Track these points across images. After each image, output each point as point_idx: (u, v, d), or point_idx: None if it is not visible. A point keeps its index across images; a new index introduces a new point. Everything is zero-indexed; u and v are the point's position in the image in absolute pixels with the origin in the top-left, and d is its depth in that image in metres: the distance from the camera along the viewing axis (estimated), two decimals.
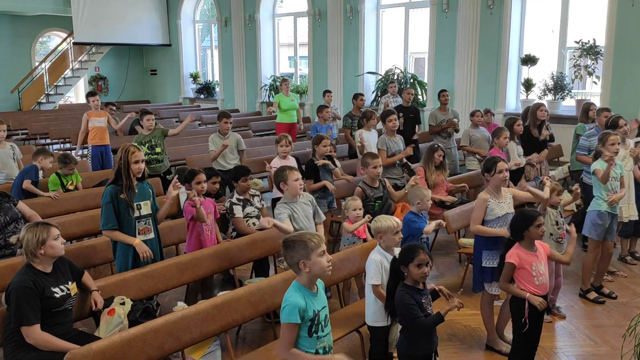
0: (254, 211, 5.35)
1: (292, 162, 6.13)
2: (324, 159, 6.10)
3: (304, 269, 2.61)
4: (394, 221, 3.63)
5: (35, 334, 3.14)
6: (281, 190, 4.36)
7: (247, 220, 5.27)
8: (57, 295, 3.31)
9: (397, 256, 3.29)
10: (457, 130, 8.34)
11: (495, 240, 4.09)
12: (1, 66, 15.74)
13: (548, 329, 4.51)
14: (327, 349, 2.68)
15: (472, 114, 7.81)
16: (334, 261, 4.16)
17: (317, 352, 2.64)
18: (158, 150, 7.13)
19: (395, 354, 3.63)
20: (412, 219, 4.55)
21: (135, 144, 4.26)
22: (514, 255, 3.59)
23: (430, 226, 4.42)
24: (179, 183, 4.30)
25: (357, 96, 9.12)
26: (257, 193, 5.57)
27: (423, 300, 3.18)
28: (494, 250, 4.11)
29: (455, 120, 8.20)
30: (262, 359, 3.46)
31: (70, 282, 3.44)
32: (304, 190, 4.48)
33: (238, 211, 5.22)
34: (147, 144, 7.02)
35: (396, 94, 9.72)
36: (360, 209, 4.66)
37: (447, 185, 6.30)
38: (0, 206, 4.59)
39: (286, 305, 2.60)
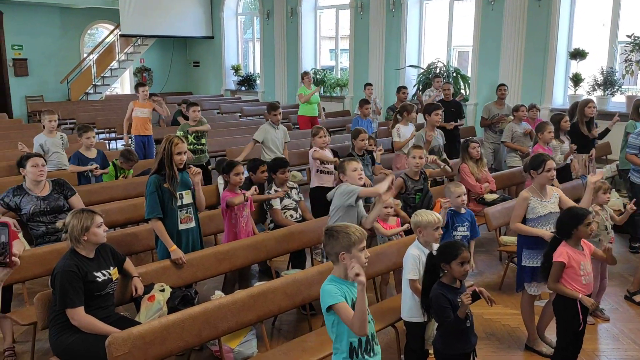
0: (292, 203, 5.37)
1: (329, 153, 6.14)
2: (362, 153, 6.08)
3: (342, 261, 2.58)
4: (434, 216, 3.58)
5: (79, 316, 3.24)
6: (341, 181, 4.35)
7: (284, 212, 5.29)
8: (99, 280, 3.40)
9: (434, 252, 3.24)
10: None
11: (536, 239, 3.98)
12: (51, 57, 16.25)
13: (591, 331, 4.37)
14: (366, 339, 2.64)
15: (516, 109, 7.61)
16: (371, 255, 4.16)
17: (359, 341, 2.62)
18: (203, 141, 7.29)
19: (431, 351, 3.58)
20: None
21: (179, 135, 4.32)
22: (563, 254, 3.48)
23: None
24: (195, 169, 4.32)
25: (400, 89, 9.05)
26: (295, 185, 5.58)
27: (458, 300, 3.11)
28: (534, 249, 4.01)
29: (510, 117, 8.00)
30: (297, 350, 3.47)
31: (111, 268, 3.53)
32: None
33: (276, 203, 5.24)
34: (193, 134, 7.16)
35: (440, 89, 9.57)
36: (391, 207, 4.60)
37: (491, 179, 6.15)
38: (50, 194, 4.75)
39: (324, 294, 2.58)
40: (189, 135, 7.14)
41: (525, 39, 10.14)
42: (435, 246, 3.49)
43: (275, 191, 5.29)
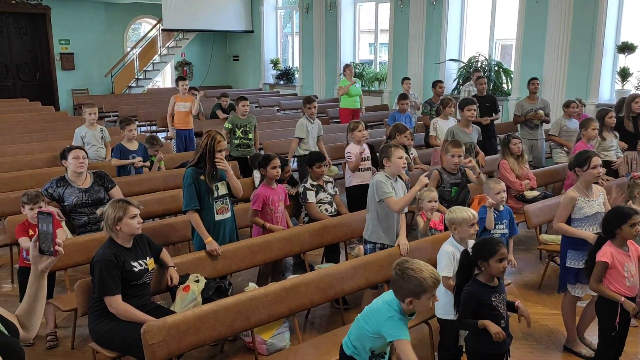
0: (327, 197, 5.36)
1: (365, 147, 6.09)
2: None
3: (408, 305, 2.54)
4: (469, 213, 3.50)
5: (117, 304, 3.32)
6: (382, 166, 4.26)
7: (319, 206, 5.29)
8: (136, 269, 3.47)
9: (469, 250, 3.17)
10: (546, 122, 7.92)
11: (582, 240, 3.85)
12: (96, 52, 16.67)
13: (633, 334, 4.21)
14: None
15: (567, 105, 7.37)
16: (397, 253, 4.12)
17: (382, 353, 2.65)
18: (250, 136, 7.34)
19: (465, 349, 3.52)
20: (481, 212, 4.35)
21: (227, 128, 4.35)
22: (607, 253, 3.36)
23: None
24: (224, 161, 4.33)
25: (436, 84, 8.91)
26: (331, 179, 5.57)
27: (493, 299, 3.03)
28: (580, 250, 3.87)
29: (541, 112, 7.78)
30: (328, 344, 3.46)
31: (148, 258, 3.60)
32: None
33: (311, 197, 5.25)
34: (241, 129, 7.24)
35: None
36: (435, 201, 4.52)
37: (531, 176, 5.99)
38: (92, 187, 4.87)
39: (390, 325, 2.53)
40: (237, 129, 7.22)
41: (570, 31, 9.82)
42: (471, 243, 3.42)
43: (312, 184, 5.28)
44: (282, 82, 17.19)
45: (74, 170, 4.82)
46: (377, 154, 5.92)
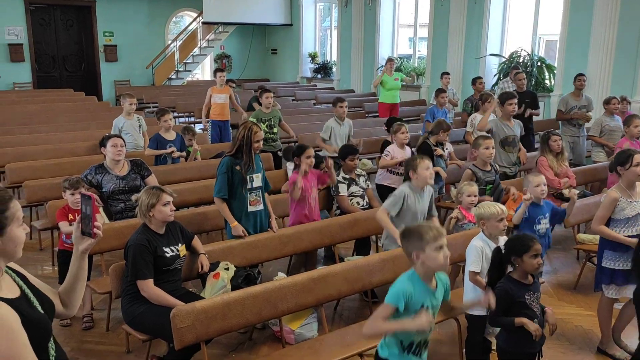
0: (359, 190, 5.35)
1: (407, 152, 5.97)
2: (435, 145, 5.95)
3: (416, 261, 2.50)
4: (497, 207, 3.43)
5: (149, 288, 3.41)
6: (408, 178, 4.24)
7: (351, 199, 5.28)
8: (168, 255, 3.55)
9: (502, 247, 3.10)
10: (587, 121, 7.70)
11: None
12: (139, 44, 17.03)
13: None
14: (421, 344, 2.57)
15: (607, 102, 7.14)
16: None
17: (410, 344, 2.54)
18: (275, 130, 7.38)
19: (494, 346, 3.48)
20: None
21: (256, 122, 4.40)
22: None
23: None
24: None
25: (476, 80, 8.75)
26: (363, 173, 5.55)
27: (527, 297, 2.96)
28: (617, 252, 3.76)
29: (589, 113, 7.56)
30: (355, 335, 3.46)
31: (180, 244, 3.67)
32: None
33: (343, 189, 5.24)
34: (266, 123, 7.28)
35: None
36: (475, 196, 4.44)
37: (571, 174, 5.84)
38: (128, 174, 4.99)
39: (393, 287, 2.52)
40: (261, 124, 7.25)
41: (617, 26, 9.48)
42: (502, 240, 3.36)
43: (344, 177, 5.27)
44: (319, 75, 17.21)
45: (112, 157, 4.95)
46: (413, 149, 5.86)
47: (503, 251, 3.06)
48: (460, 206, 4.50)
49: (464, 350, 3.70)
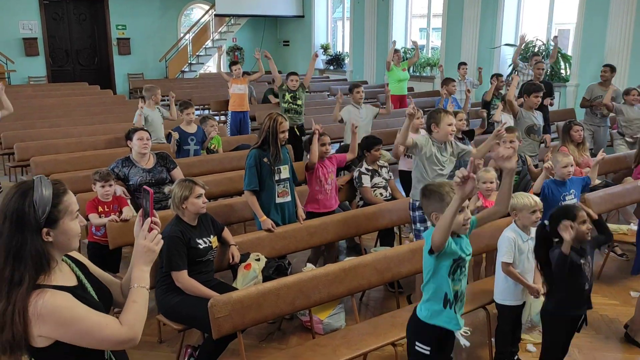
0: (382, 182, 5.38)
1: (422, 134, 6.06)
2: (461, 137, 5.95)
3: (435, 221, 2.51)
4: (531, 199, 3.46)
5: (184, 279, 3.47)
6: (430, 131, 4.26)
7: (374, 191, 5.32)
8: (201, 247, 3.61)
9: (546, 225, 3.15)
10: (609, 110, 7.65)
11: None
12: (151, 37, 17.08)
13: None
14: (459, 294, 2.62)
15: (627, 92, 7.12)
16: None
17: (455, 294, 2.60)
18: (299, 102, 7.41)
19: (526, 336, 3.53)
20: (549, 184, 4.27)
21: (282, 114, 4.43)
22: None
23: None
24: None
25: (497, 78, 8.67)
26: (386, 164, 5.58)
27: (582, 261, 3.05)
28: None
29: (611, 104, 7.52)
30: (386, 325, 3.52)
31: (212, 236, 3.73)
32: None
33: (366, 181, 5.28)
34: (292, 93, 7.34)
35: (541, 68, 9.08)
36: (491, 182, 4.46)
37: (592, 164, 5.82)
38: (154, 167, 5.05)
39: (427, 238, 2.49)
40: (286, 93, 7.31)
41: (635, 14, 9.39)
42: (534, 231, 3.38)
43: (367, 169, 5.30)
44: (332, 67, 17.19)
45: (138, 151, 5.00)
46: None
47: (547, 227, 3.11)
48: (479, 192, 4.51)
49: (494, 339, 3.74)
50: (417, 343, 2.66)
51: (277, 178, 4.32)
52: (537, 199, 3.53)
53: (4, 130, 7.78)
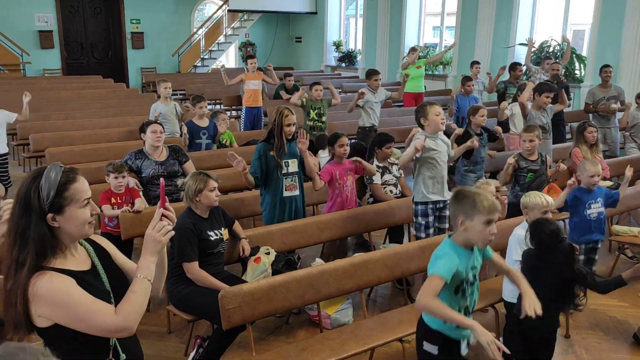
0: (392, 179, 5.39)
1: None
2: (480, 132, 5.93)
3: (460, 227, 2.42)
4: (543, 199, 3.46)
5: (194, 270, 3.51)
6: (422, 126, 4.32)
7: (384, 188, 5.33)
8: (212, 239, 3.65)
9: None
10: (621, 110, 7.60)
11: None
12: (165, 32, 17.17)
13: None
14: (468, 310, 2.58)
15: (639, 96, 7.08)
16: None
17: (466, 308, 2.55)
18: (324, 119, 7.40)
19: None
20: (575, 191, 4.25)
21: (290, 107, 4.45)
22: None
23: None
24: (302, 137, 4.40)
25: (516, 67, 8.64)
26: (396, 162, 5.58)
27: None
28: None
29: (614, 106, 7.47)
30: (394, 321, 3.54)
31: (223, 228, 3.77)
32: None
33: (377, 178, 5.29)
34: (316, 110, 7.31)
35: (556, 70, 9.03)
36: (493, 196, 4.41)
37: (605, 165, 5.80)
38: (167, 160, 5.10)
39: (442, 258, 2.41)
40: (311, 110, 7.30)
41: None
42: None
43: (377, 166, 5.31)
44: (344, 64, 17.18)
45: (151, 143, 5.05)
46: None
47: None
48: None
49: (501, 338, 3.74)
50: (424, 342, 2.66)
51: (284, 171, 4.36)
52: (550, 199, 3.52)
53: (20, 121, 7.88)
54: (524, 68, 8.98)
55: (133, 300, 1.84)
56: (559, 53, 10.67)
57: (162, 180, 1.95)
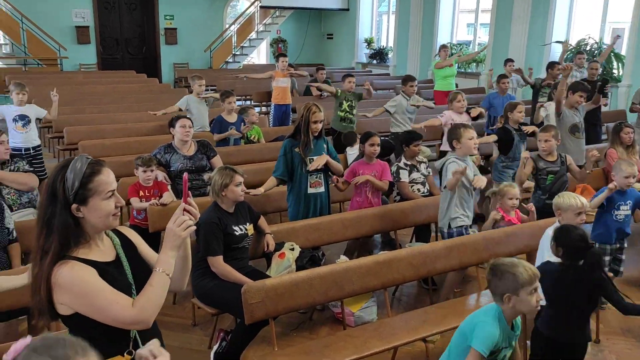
0: (420, 177, 5.33)
1: (465, 117, 6.08)
2: (517, 127, 5.81)
3: (507, 303, 2.43)
4: (577, 200, 3.36)
5: (219, 264, 3.53)
6: (452, 147, 4.25)
7: (411, 186, 5.27)
8: (237, 233, 3.66)
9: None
10: None
11: None
12: (198, 28, 17.33)
13: None
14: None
15: None
16: (501, 236, 4.03)
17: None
18: (355, 111, 7.41)
19: None
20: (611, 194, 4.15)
21: (318, 104, 4.44)
22: None
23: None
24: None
25: (554, 65, 8.44)
26: (425, 160, 5.52)
27: None
28: None
29: None
30: (418, 320, 3.50)
31: (248, 223, 3.78)
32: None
33: (404, 176, 5.23)
34: (348, 102, 7.32)
35: (582, 66, 8.81)
36: (517, 198, 4.29)
37: None
38: (195, 155, 5.14)
39: (484, 332, 2.43)
40: (344, 102, 7.31)
41: None
42: None
43: (405, 164, 5.26)
44: (375, 61, 17.08)
45: (180, 138, 5.10)
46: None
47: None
48: (499, 207, 4.37)
49: (528, 342, 3.65)
50: None
51: (309, 168, 4.35)
52: (584, 200, 3.43)
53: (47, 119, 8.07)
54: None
55: (150, 294, 1.84)
56: (596, 52, 10.39)
57: (185, 175, 1.94)
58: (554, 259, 3.28)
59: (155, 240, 4.63)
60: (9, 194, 3.98)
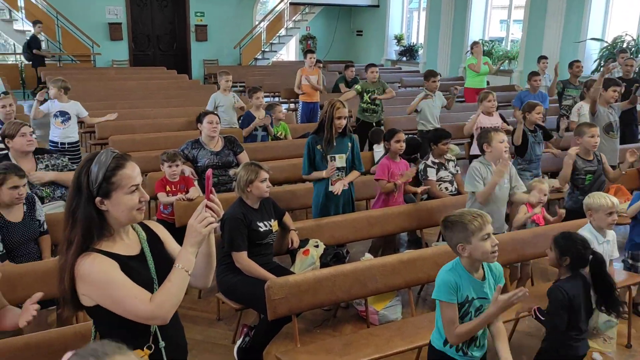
0: (448, 176, 5.25)
1: (496, 118, 5.98)
2: (534, 128, 5.70)
3: (462, 253, 2.43)
4: (608, 200, 3.26)
5: (243, 259, 3.54)
6: (482, 151, 4.18)
7: (439, 185, 5.20)
8: (261, 230, 3.67)
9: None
10: None
11: None
12: (227, 25, 17.45)
13: None
14: (473, 338, 2.49)
15: None
16: (523, 238, 3.94)
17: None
18: (378, 102, 7.42)
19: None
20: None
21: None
22: None
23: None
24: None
25: (573, 64, 8.25)
26: (453, 158, 5.45)
27: None
28: None
29: None
30: None
31: (272, 220, 3.78)
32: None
33: (432, 174, 5.17)
34: (369, 94, 7.37)
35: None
36: (545, 195, 4.20)
37: None
38: (222, 151, 5.17)
39: (438, 281, 2.48)
40: (365, 94, 7.34)
41: None
42: (610, 234, 3.20)
43: (433, 162, 5.19)
44: (404, 58, 16.94)
45: (207, 134, 5.14)
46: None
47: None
48: (527, 203, 4.27)
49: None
50: None
51: (324, 175, 4.34)
52: (615, 200, 3.32)
53: (88, 109, 8.21)
54: (595, 64, 8.52)
55: (168, 289, 1.84)
56: (633, 49, 10.08)
57: (208, 172, 1.94)
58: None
59: (182, 234, 4.67)
60: (44, 185, 4.06)
